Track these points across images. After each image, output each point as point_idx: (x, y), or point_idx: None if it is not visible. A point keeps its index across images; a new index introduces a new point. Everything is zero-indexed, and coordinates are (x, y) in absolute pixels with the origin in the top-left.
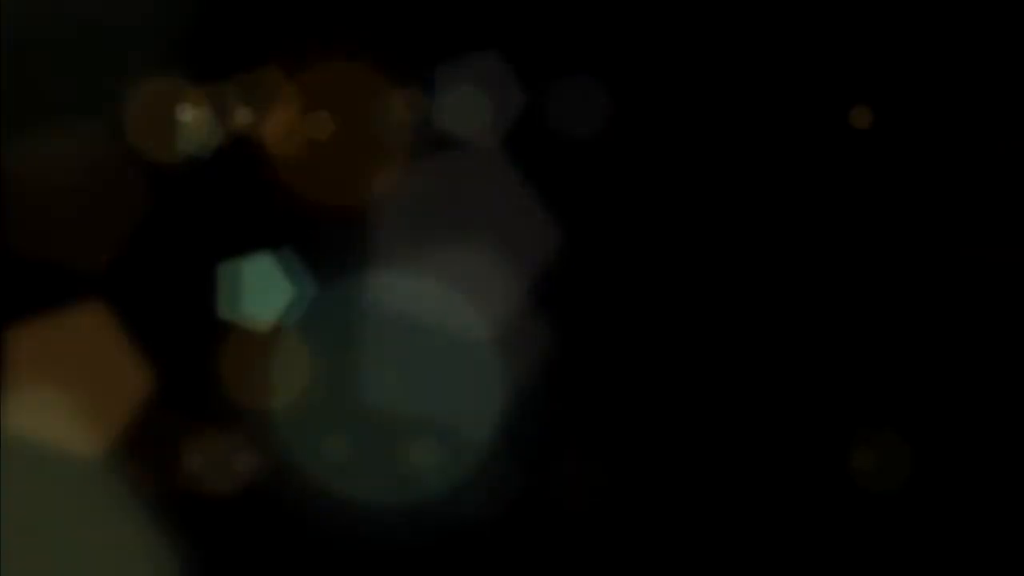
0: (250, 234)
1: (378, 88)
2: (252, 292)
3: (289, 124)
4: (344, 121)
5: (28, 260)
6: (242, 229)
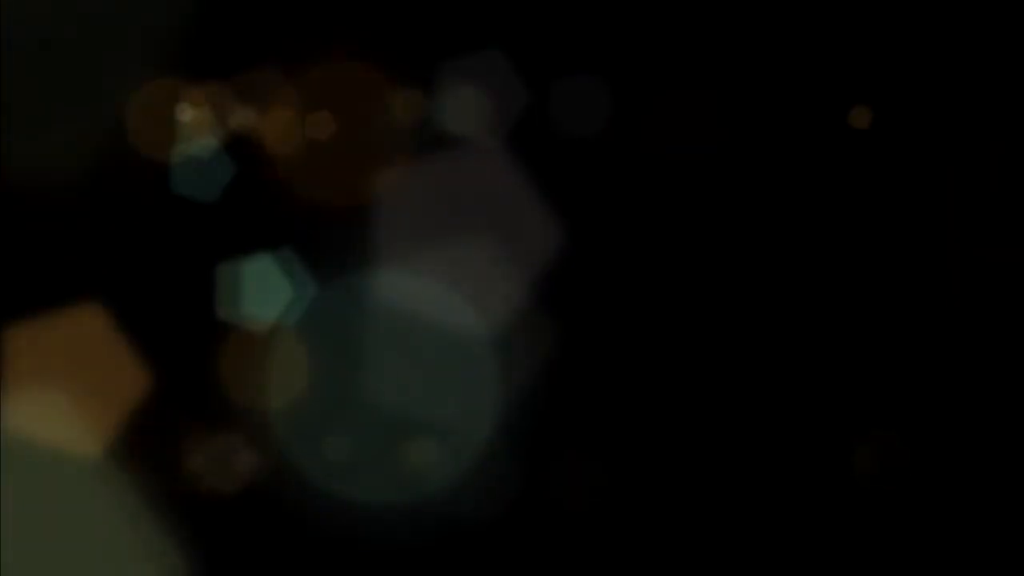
0: (250, 234)
1: (378, 88)
2: (252, 292)
3: (289, 124)
4: (344, 121)
5: (28, 260)
6: (242, 229)
